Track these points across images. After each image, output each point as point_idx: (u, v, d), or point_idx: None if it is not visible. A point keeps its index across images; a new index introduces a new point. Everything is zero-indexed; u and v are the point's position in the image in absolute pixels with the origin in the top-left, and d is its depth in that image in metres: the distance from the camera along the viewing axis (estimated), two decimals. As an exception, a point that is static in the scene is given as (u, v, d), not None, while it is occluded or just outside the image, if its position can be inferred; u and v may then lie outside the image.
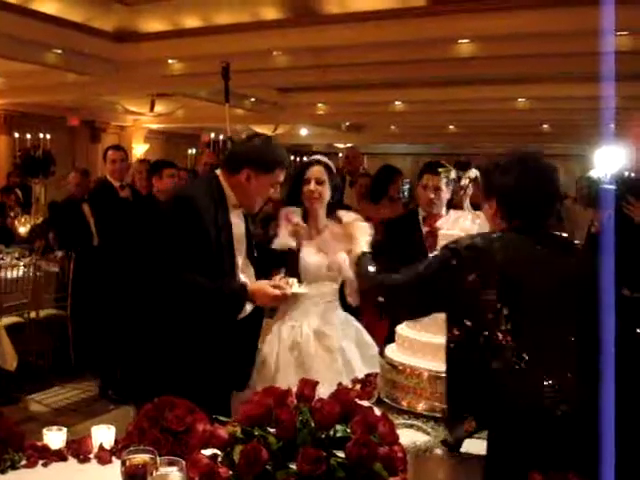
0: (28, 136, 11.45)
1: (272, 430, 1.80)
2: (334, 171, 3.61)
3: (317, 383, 1.94)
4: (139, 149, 15.41)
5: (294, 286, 3.20)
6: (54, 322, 6.62)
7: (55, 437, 2.35)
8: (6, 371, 5.52)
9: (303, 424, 1.78)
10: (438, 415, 2.62)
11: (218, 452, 1.86)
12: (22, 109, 12.55)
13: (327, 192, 3.48)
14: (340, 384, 3.08)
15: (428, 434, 2.54)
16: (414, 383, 2.67)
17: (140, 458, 1.81)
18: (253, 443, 1.71)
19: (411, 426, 2.62)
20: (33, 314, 6.35)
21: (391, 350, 2.90)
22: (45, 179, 11.17)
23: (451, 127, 15.94)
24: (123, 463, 1.81)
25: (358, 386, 3.09)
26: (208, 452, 1.89)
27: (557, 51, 7.41)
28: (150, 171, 5.85)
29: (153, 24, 8.32)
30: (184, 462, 1.78)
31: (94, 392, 6.07)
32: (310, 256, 3.43)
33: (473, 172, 2.85)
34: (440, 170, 2.91)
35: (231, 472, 1.72)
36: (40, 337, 6.37)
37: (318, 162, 3.57)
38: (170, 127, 15.79)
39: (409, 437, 2.52)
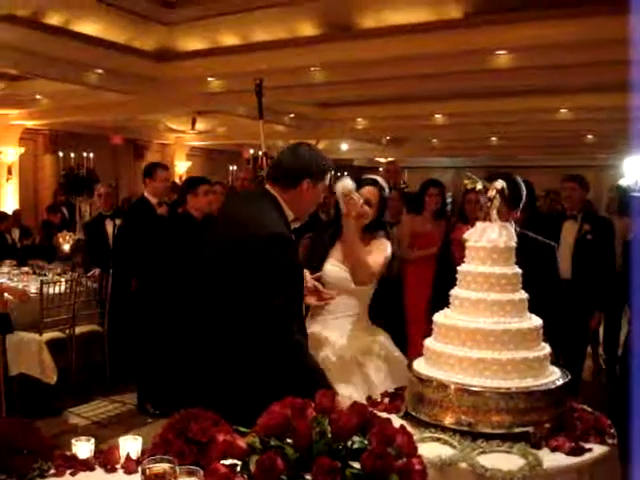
0: (72, 155, 11.81)
1: (290, 441, 1.81)
2: (386, 195, 3.64)
3: (336, 394, 1.93)
4: (181, 166, 15.66)
5: None
6: (94, 337, 6.71)
7: (83, 447, 2.39)
8: (47, 384, 5.63)
9: (320, 435, 1.78)
10: (465, 429, 2.59)
11: (238, 462, 1.88)
12: (66, 128, 12.90)
13: (371, 215, 3.51)
14: (370, 398, 3.12)
15: (454, 448, 2.51)
16: (441, 396, 2.65)
17: (160, 467, 1.83)
18: (269, 453, 1.72)
19: (437, 439, 2.59)
20: (74, 330, 6.46)
21: (418, 363, 2.88)
22: (89, 197, 11.43)
23: (493, 139, 15.84)
24: (143, 472, 1.83)
25: (387, 399, 3.10)
26: (230, 462, 1.91)
27: (595, 60, 7.31)
28: (185, 188, 5.88)
29: (192, 43, 8.48)
30: (202, 472, 1.79)
31: (133, 406, 6.13)
32: (332, 266, 3.47)
33: (499, 183, 2.82)
34: (466, 182, 2.89)
35: (247, 482, 1.73)
36: (80, 352, 6.46)
37: (374, 183, 3.61)
38: (211, 144, 16.02)
39: (435, 450, 2.50)
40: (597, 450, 2.54)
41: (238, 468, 1.85)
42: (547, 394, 2.63)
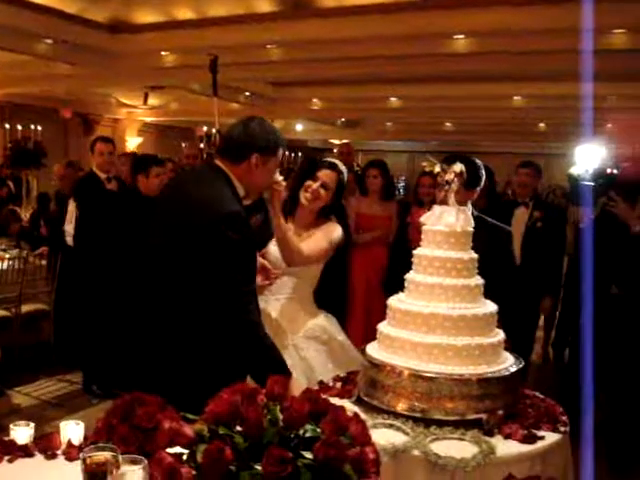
0: (19, 127, 11.40)
1: (240, 429, 1.74)
2: (344, 180, 3.56)
3: (288, 381, 1.86)
4: (132, 142, 15.33)
5: None
6: (42, 316, 6.53)
7: (22, 433, 2.28)
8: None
9: (271, 423, 1.71)
10: (418, 415, 2.55)
11: (185, 451, 1.80)
12: (14, 100, 12.44)
13: (327, 199, 3.48)
14: (322, 382, 3.07)
15: (407, 434, 2.48)
16: (394, 382, 2.61)
17: (102, 456, 1.74)
18: (217, 442, 1.64)
19: (390, 426, 2.56)
20: (20, 308, 6.27)
21: (372, 348, 2.83)
22: (36, 170, 11.09)
23: (447, 124, 15.88)
24: (83, 461, 1.74)
25: (339, 384, 3.05)
26: (176, 451, 1.83)
27: (553, 48, 7.32)
28: (135, 167, 5.69)
29: (146, 15, 8.22)
30: (147, 461, 1.71)
31: (79, 386, 5.98)
32: (275, 246, 3.40)
33: (458, 166, 2.78)
34: (424, 164, 2.85)
35: (194, 472, 1.66)
36: (26, 331, 6.28)
37: (332, 167, 3.53)
38: (164, 120, 15.72)
39: (388, 437, 2.46)
40: (550, 438, 2.54)
41: (185, 457, 1.77)
42: (501, 381, 2.62)
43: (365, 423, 1.81)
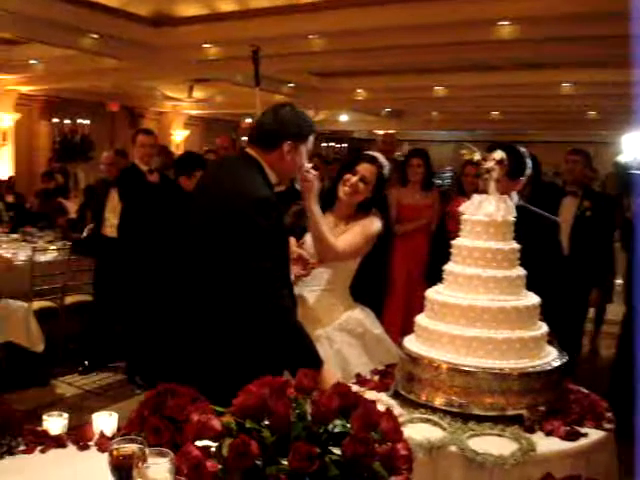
0: (67, 121, 11.63)
1: (268, 423, 1.70)
2: (385, 174, 3.48)
3: (318, 374, 1.82)
4: (178, 135, 15.45)
5: None
6: (85, 308, 6.60)
7: (55, 423, 2.29)
8: (35, 353, 5.54)
9: (299, 417, 1.67)
10: (456, 410, 2.48)
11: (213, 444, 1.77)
12: (63, 95, 12.67)
13: (366, 193, 3.41)
14: (359, 375, 3.02)
15: (444, 430, 2.41)
16: (431, 376, 2.54)
17: (129, 448, 1.72)
18: (243, 436, 1.60)
19: (427, 421, 2.49)
20: (64, 299, 6.36)
21: (409, 340, 2.77)
22: (84, 164, 11.25)
23: (494, 113, 15.62)
24: (110, 453, 1.72)
25: (376, 377, 3.00)
26: (205, 444, 1.80)
27: (598, 34, 7.11)
28: (178, 168, 5.71)
29: (189, 8, 8.26)
30: (172, 454, 1.68)
31: (122, 376, 6.04)
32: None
33: (498, 154, 2.69)
34: (463, 152, 2.76)
35: (220, 466, 1.62)
36: (70, 322, 6.36)
37: (372, 160, 3.46)
38: (209, 113, 15.81)
39: (424, 432, 2.40)
40: (593, 435, 2.44)
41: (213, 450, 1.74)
42: (543, 375, 2.53)
43: (397, 419, 1.75)
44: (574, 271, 5.48)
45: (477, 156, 2.72)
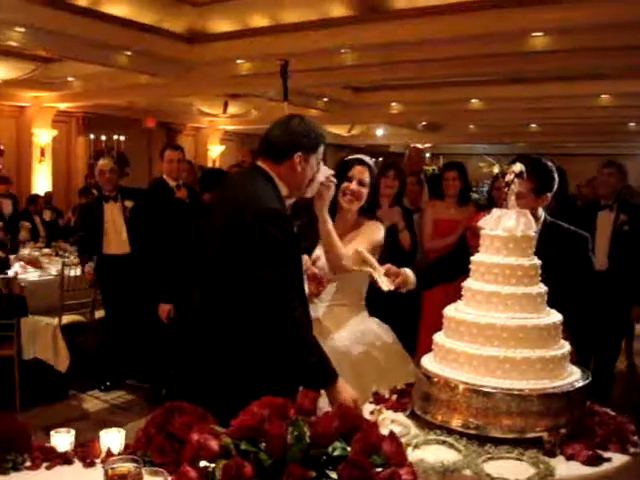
0: (103, 138, 11.78)
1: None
2: (375, 174, 3.51)
3: (318, 396, 1.76)
4: (215, 150, 15.55)
5: None
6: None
7: (62, 439, 2.26)
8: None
9: (297, 439, 1.61)
10: (473, 432, 2.39)
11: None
12: (100, 111, 12.86)
13: (365, 196, 3.41)
14: (376, 393, 2.95)
15: (460, 452, 2.32)
16: (448, 396, 2.46)
17: (124, 468, 1.69)
18: (236, 459, 1.56)
19: (443, 443, 2.41)
20: (94, 313, 6.39)
21: (427, 360, 2.69)
22: (120, 179, 11.35)
23: (533, 126, 15.44)
24: (105, 472, 1.69)
25: (395, 396, 2.92)
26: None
27: (635, 43, 6.96)
28: (203, 184, 5.70)
29: (222, 24, 8.34)
30: (166, 473, 1.64)
31: (147, 391, 6.04)
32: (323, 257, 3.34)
33: (518, 166, 2.61)
34: (481, 165, 2.68)
35: (214, 489, 1.58)
36: (99, 336, 6.40)
37: (362, 162, 3.46)
38: (245, 128, 15.88)
39: (439, 455, 2.31)
40: (617, 460, 2.32)
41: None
42: (564, 397, 2.42)
43: (400, 442, 1.68)
44: (612, 286, 5.34)
45: (496, 169, 2.64)
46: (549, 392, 2.40)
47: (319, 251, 3.39)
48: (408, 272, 3.24)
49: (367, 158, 3.53)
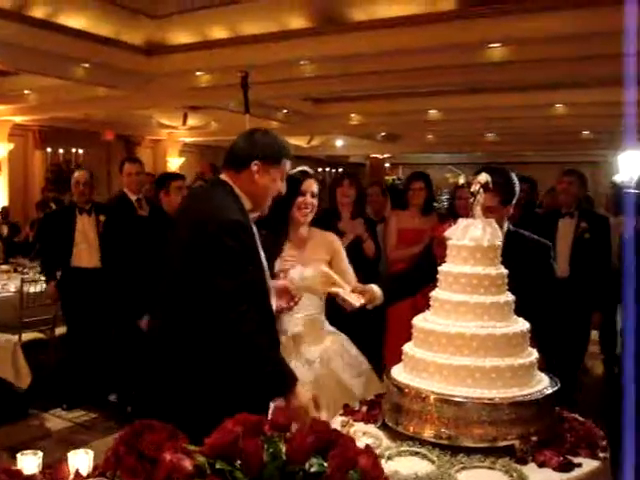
0: (61, 151, 11.61)
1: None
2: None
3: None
4: (174, 163, 15.44)
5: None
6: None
7: (29, 462, 2.20)
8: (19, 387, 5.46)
9: (272, 457, 1.60)
10: (445, 442, 2.40)
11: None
12: (57, 124, 12.67)
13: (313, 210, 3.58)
14: (347, 406, 2.94)
15: (433, 463, 2.32)
16: (419, 407, 2.46)
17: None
18: (212, 478, 1.53)
19: (416, 454, 2.41)
20: (54, 330, 6.27)
21: (397, 370, 2.69)
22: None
23: (489, 135, 15.64)
24: (75, 498, 1.64)
25: (365, 408, 2.91)
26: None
27: (588, 54, 7.10)
28: (156, 185, 5.65)
29: (181, 36, 8.29)
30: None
31: (112, 408, 5.93)
32: (292, 271, 3.43)
33: (483, 177, 2.63)
34: (448, 176, 2.71)
35: (189, 510, 1.55)
36: (59, 353, 6.27)
37: (310, 175, 3.62)
38: (205, 140, 15.81)
39: (412, 466, 2.31)
40: (587, 465, 2.35)
41: (185, 492, 1.66)
42: (534, 404, 2.45)
43: (376, 456, 1.68)
44: (574, 293, 5.42)
45: (462, 179, 2.67)
46: (519, 400, 2.42)
47: (294, 270, 3.44)
48: (374, 288, 3.25)
49: (308, 169, 3.67)
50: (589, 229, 5.57)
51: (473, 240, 2.59)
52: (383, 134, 16.18)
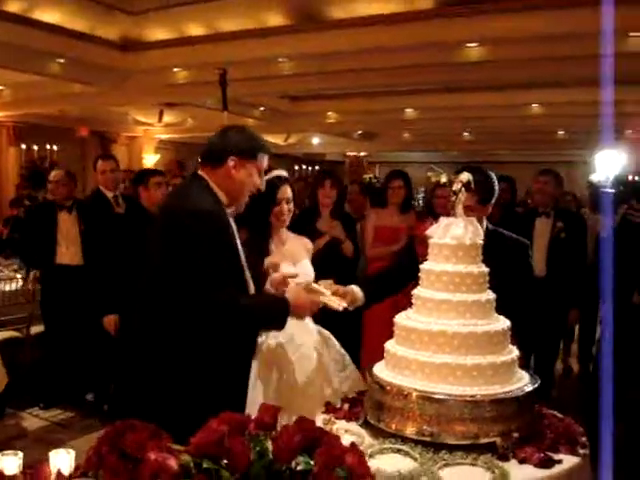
0: (35, 147, 11.46)
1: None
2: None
3: (279, 410, 1.74)
4: (150, 159, 15.32)
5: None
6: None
7: (10, 462, 2.17)
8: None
9: (259, 456, 1.59)
10: (427, 439, 2.41)
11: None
12: (31, 120, 12.49)
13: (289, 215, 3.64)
14: (329, 404, 2.94)
15: (416, 460, 2.33)
16: (401, 404, 2.47)
17: (79, 492, 1.63)
18: (200, 477, 1.52)
19: (398, 451, 2.42)
20: (30, 329, 6.19)
21: (379, 368, 2.69)
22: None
23: (465, 134, 15.73)
24: (61, 499, 1.63)
25: (346, 405, 2.92)
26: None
27: (569, 53, 7.16)
28: (135, 181, 5.62)
29: (158, 32, 8.23)
30: (126, 498, 1.59)
31: (90, 406, 5.87)
32: (285, 268, 3.40)
33: (465, 176, 2.65)
34: (429, 175, 2.72)
35: (176, 510, 1.54)
36: (35, 352, 6.19)
37: (283, 180, 3.64)
38: (181, 137, 15.72)
39: (395, 463, 2.32)
40: (568, 461, 2.38)
41: (170, 491, 1.64)
42: (515, 401, 2.47)
43: (362, 454, 1.68)
44: (550, 292, 5.49)
45: (444, 178, 2.68)
46: (500, 397, 2.44)
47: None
48: (355, 289, 3.25)
49: (284, 172, 3.71)
50: (565, 228, 5.63)
51: (455, 238, 2.61)
52: (360, 132, 16.20)
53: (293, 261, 3.56)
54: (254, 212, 3.37)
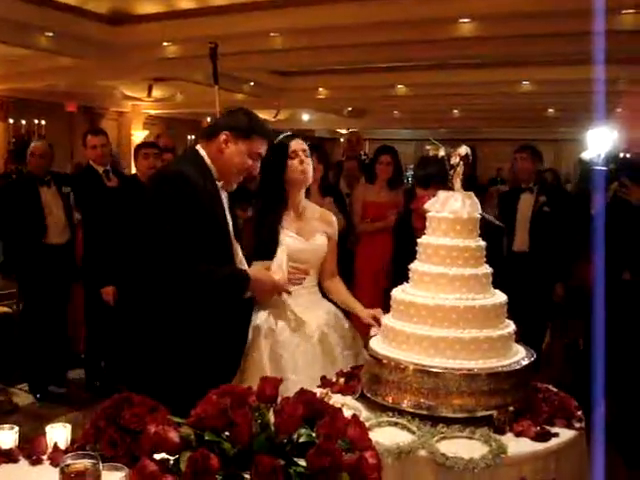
0: (23, 122, 11.34)
1: (229, 434, 1.61)
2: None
3: (280, 381, 1.73)
4: (139, 135, 15.20)
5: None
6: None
7: (6, 436, 2.16)
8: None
9: (262, 428, 1.59)
10: (424, 412, 2.42)
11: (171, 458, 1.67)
12: (18, 95, 12.34)
13: (311, 170, 3.31)
14: (324, 377, 2.94)
15: (413, 433, 2.34)
16: (398, 377, 2.47)
17: (81, 464, 1.62)
18: (202, 450, 1.52)
19: (395, 424, 2.42)
20: (20, 305, 6.15)
21: (375, 342, 2.70)
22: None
23: (455, 112, 15.67)
24: (61, 470, 1.62)
25: (342, 380, 2.92)
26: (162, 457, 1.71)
27: (562, 31, 7.13)
28: (136, 150, 5.65)
29: (147, 6, 8.12)
30: (127, 469, 1.59)
31: (81, 381, 5.86)
32: (290, 238, 3.26)
33: (464, 149, 2.64)
34: (428, 147, 2.71)
35: (179, 482, 1.53)
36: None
37: (295, 135, 3.41)
38: (170, 113, 15.58)
39: (392, 437, 2.33)
40: (564, 435, 2.39)
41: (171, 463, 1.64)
42: (512, 375, 2.48)
43: (364, 426, 1.68)
44: (535, 267, 5.52)
45: (442, 152, 2.66)
46: (497, 371, 2.45)
47: (288, 238, 3.26)
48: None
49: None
50: (548, 202, 5.64)
51: (452, 212, 2.60)
52: (350, 109, 16.11)
53: (306, 237, 3.31)
54: (266, 176, 3.25)
